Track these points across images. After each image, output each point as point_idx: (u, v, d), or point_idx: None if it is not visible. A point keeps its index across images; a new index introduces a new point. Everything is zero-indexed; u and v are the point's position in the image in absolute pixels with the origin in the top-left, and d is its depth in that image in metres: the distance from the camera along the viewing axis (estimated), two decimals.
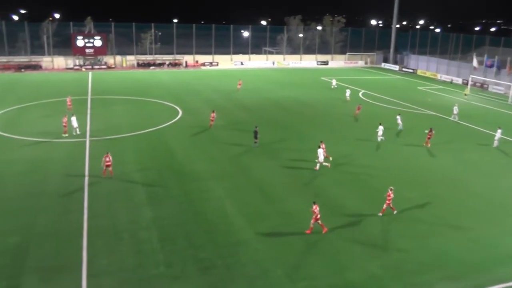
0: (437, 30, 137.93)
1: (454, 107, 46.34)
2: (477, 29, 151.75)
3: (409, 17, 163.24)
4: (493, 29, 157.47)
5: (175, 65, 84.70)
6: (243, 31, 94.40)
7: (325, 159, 29.99)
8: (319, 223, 21.13)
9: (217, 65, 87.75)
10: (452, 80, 75.56)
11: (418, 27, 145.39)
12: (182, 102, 50.85)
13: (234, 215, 23.08)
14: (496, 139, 36.55)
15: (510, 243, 21.16)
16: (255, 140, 34.59)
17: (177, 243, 20.12)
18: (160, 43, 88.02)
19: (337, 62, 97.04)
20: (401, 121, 40.58)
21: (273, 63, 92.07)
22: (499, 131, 36.64)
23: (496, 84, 66.99)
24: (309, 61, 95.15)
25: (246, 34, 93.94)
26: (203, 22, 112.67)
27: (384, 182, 27.07)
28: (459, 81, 74.01)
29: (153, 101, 51.32)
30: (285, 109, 49.09)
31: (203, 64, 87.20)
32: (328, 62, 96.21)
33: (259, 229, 21.62)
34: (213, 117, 40.19)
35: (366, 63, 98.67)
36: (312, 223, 21.14)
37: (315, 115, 46.70)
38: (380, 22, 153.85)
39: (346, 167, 30.77)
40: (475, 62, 70.92)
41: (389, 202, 23.21)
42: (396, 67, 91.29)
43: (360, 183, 28.01)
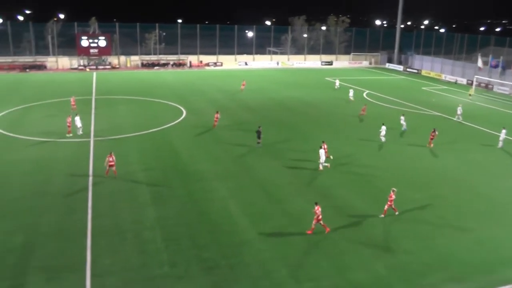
0: (442, 30, 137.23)
1: (458, 107, 46.21)
2: (482, 29, 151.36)
3: (414, 17, 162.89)
4: (498, 29, 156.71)
5: (179, 65, 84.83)
6: (247, 31, 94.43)
7: (326, 159, 29.98)
8: (321, 223, 21.11)
9: (221, 65, 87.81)
10: (456, 80, 75.30)
11: (422, 27, 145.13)
12: (186, 102, 50.91)
13: (237, 215, 23.09)
14: (501, 139, 36.41)
15: None
16: (258, 140, 34.58)
17: (181, 243, 20.14)
18: (164, 43, 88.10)
19: (342, 62, 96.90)
20: (405, 122, 40.50)
21: (277, 63, 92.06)
22: (503, 131, 36.48)
23: (501, 84, 66.73)
24: (313, 61, 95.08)
25: (250, 34, 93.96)
26: (207, 22, 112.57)
27: (388, 182, 27.01)
28: (464, 81, 73.77)
29: (157, 101, 51.42)
30: (289, 109, 49.07)
31: (207, 64, 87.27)
32: (332, 62, 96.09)
33: (262, 229, 21.62)
34: (216, 118, 40.23)
35: (370, 64, 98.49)
36: (313, 224, 21.12)
37: (319, 115, 46.64)
38: (384, 22, 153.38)
39: (350, 167, 30.73)
40: (480, 62, 70.57)
41: (390, 203, 23.09)
42: (400, 68, 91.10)
43: (364, 183, 27.95)
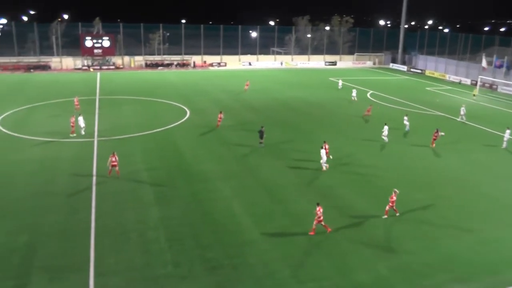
0: (446, 30, 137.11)
1: (461, 107, 46.09)
2: (486, 29, 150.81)
3: (418, 17, 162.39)
4: (502, 29, 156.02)
5: (183, 65, 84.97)
6: (251, 32, 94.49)
7: (326, 159, 29.98)
8: (323, 224, 21.10)
9: (225, 65, 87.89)
10: (460, 80, 75.08)
11: (426, 27, 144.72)
12: (190, 102, 50.99)
13: (241, 215, 23.12)
14: (505, 140, 36.30)
15: None
16: (260, 140, 34.56)
17: (185, 243, 20.18)
18: (168, 44, 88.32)
19: (345, 62, 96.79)
20: (408, 122, 40.42)
21: (281, 64, 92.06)
22: (507, 131, 36.37)
23: (505, 84, 66.48)
24: (317, 62, 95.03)
25: (254, 34, 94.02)
26: (211, 22, 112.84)
27: (390, 183, 26.93)
28: (468, 81, 73.53)
29: (161, 101, 51.52)
30: (293, 109, 49.06)
31: (211, 64, 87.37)
32: (336, 62, 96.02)
33: (266, 229, 21.64)
34: (220, 118, 40.27)
35: (374, 64, 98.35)
36: (314, 224, 21.11)
37: (323, 115, 46.61)
38: (388, 22, 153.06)
39: (353, 167, 30.71)
40: (484, 62, 70.29)
41: (392, 204, 23.04)
42: (404, 68, 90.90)
43: (366, 183, 27.91)
